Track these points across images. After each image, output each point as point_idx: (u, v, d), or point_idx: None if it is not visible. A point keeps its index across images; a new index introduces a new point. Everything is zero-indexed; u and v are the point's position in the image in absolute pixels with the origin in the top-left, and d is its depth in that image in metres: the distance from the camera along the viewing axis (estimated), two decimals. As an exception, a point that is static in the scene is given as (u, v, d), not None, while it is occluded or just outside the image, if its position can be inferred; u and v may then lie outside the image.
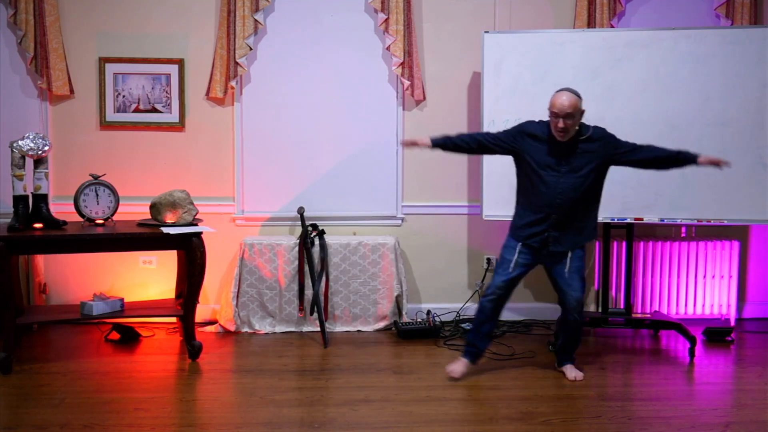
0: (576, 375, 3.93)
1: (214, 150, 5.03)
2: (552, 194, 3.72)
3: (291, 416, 3.41)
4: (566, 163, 3.71)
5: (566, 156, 3.72)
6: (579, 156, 3.71)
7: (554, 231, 3.77)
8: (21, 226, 4.11)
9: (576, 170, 3.71)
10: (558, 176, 3.71)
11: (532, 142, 3.77)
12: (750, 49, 4.40)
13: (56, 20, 4.78)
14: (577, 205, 3.75)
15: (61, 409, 3.45)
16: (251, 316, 4.82)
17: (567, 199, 3.71)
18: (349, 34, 5.03)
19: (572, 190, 3.71)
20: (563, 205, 3.72)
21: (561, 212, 3.74)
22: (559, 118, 3.63)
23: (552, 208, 3.74)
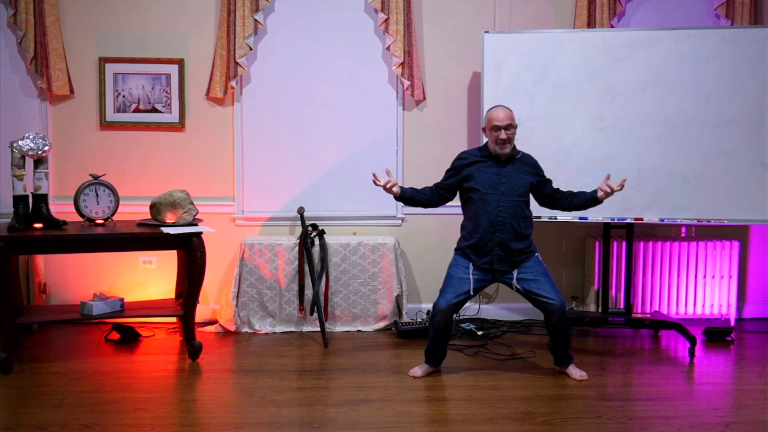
0: (581, 374, 3.94)
1: (214, 150, 5.03)
2: (495, 213, 3.85)
3: (291, 416, 3.41)
4: (506, 181, 3.87)
5: (505, 175, 3.88)
6: (516, 174, 3.89)
7: (499, 249, 3.86)
8: (21, 226, 4.11)
9: (515, 187, 3.87)
10: (498, 195, 3.86)
11: (473, 167, 3.93)
12: (750, 49, 4.40)
13: (56, 20, 4.78)
14: (519, 222, 3.87)
15: (61, 409, 3.45)
16: (251, 316, 4.83)
17: (508, 216, 3.84)
18: (349, 34, 5.03)
19: (512, 207, 3.85)
20: (505, 221, 3.84)
21: (504, 230, 3.85)
22: (501, 130, 3.82)
23: (495, 227, 3.85)
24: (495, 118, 3.85)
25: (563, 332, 3.91)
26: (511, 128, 3.84)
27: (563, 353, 3.99)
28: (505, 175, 3.88)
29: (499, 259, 3.87)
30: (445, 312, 3.85)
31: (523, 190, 3.90)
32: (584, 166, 4.55)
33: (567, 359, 4.00)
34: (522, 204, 3.90)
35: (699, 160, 4.46)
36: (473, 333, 4.75)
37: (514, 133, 3.87)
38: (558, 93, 4.57)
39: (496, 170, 3.89)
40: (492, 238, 3.86)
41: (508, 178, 3.88)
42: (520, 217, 3.88)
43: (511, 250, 3.85)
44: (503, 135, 3.82)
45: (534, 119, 4.60)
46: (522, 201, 3.90)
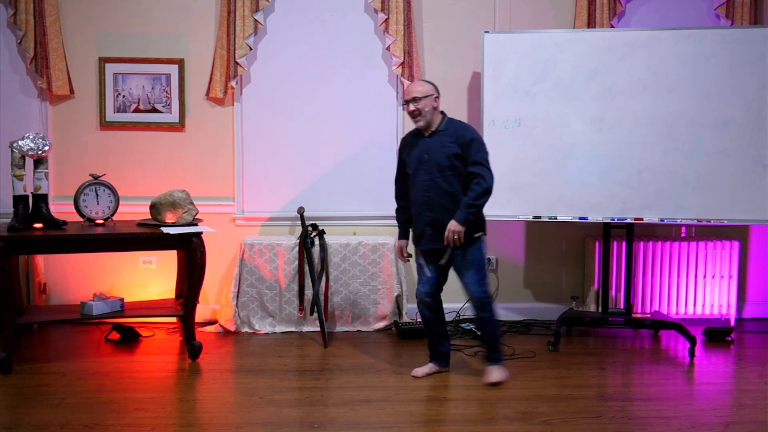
0: (493, 377, 3.82)
1: (214, 150, 5.03)
2: (421, 191, 3.79)
3: (291, 416, 3.40)
4: (428, 157, 3.77)
5: (428, 150, 3.78)
6: (437, 148, 3.76)
7: (429, 228, 3.80)
8: (21, 226, 4.11)
9: (437, 162, 3.75)
10: (423, 173, 3.78)
11: (407, 151, 3.89)
12: (750, 49, 4.40)
13: (56, 20, 4.78)
14: (447, 200, 3.74)
15: (61, 409, 3.45)
16: (251, 316, 4.82)
17: (434, 194, 3.76)
18: (349, 34, 5.03)
19: (435, 185, 3.75)
20: (432, 201, 3.76)
21: (432, 208, 3.77)
22: (409, 103, 3.77)
23: (423, 206, 3.80)
24: (405, 92, 3.86)
25: (484, 329, 3.88)
26: (416, 101, 3.74)
27: (488, 351, 3.91)
28: (428, 151, 3.78)
29: (431, 239, 3.80)
30: (423, 302, 3.91)
31: (447, 163, 3.73)
32: (584, 166, 4.55)
33: (489, 358, 3.90)
34: (451, 178, 3.73)
35: (699, 160, 4.46)
36: (473, 333, 4.75)
37: (424, 104, 3.74)
38: (558, 93, 4.57)
39: (421, 147, 3.81)
40: (421, 218, 3.81)
41: (430, 154, 3.77)
42: (450, 192, 3.73)
43: (444, 228, 3.73)
44: (410, 107, 3.77)
45: (534, 119, 4.59)
46: (450, 175, 3.73)
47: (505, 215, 4.67)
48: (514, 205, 4.63)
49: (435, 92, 3.82)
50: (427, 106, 3.77)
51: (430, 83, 3.86)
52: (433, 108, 3.80)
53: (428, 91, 3.80)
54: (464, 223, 3.70)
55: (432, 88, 3.82)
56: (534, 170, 4.60)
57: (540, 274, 5.22)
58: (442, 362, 4.00)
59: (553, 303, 5.21)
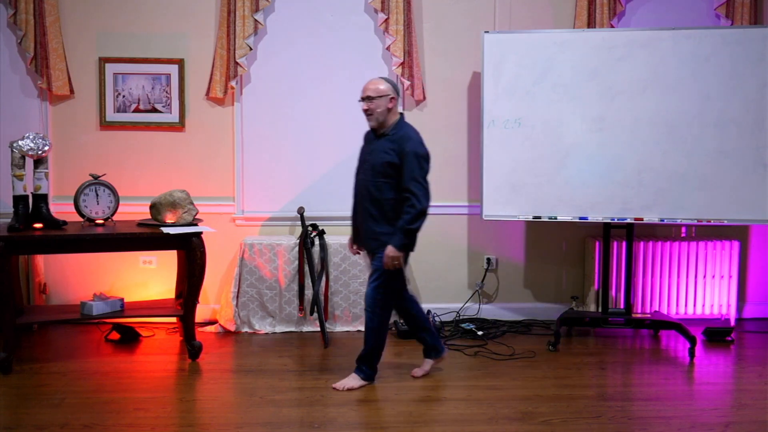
0: (339, 384, 3.74)
1: (214, 150, 5.02)
2: (356, 192, 3.78)
3: (291, 416, 3.40)
4: (369, 159, 3.72)
5: (371, 152, 3.72)
6: (378, 152, 3.67)
7: (359, 229, 3.81)
8: (21, 226, 4.10)
9: (373, 166, 3.66)
10: (362, 173, 3.75)
11: (363, 146, 3.87)
12: (750, 49, 4.40)
13: (56, 20, 4.78)
14: (370, 205, 3.67)
15: (61, 409, 3.45)
16: (251, 316, 4.82)
17: (362, 196, 3.73)
18: (349, 34, 5.03)
19: (365, 187, 3.70)
20: (361, 201, 3.74)
21: (359, 210, 3.75)
22: (362, 101, 3.69)
23: (354, 207, 3.80)
24: (362, 89, 3.71)
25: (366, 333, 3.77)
26: (369, 100, 3.64)
27: (360, 355, 3.80)
28: (371, 152, 3.71)
29: (359, 241, 3.84)
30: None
31: (380, 169, 3.61)
32: (584, 166, 4.55)
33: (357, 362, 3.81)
34: (381, 185, 3.62)
35: (699, 160, 4.46)
36: (473, 333, 4.75)
37: (377, 104, 3.63)
38: (558, 93, 4.57)
39: (369, 148, 3.76)
40: (355, 220, 3.83)
41: (372, 156, 3.69)
42: (377, 199, 3.64)
43: (365, 233, 3.71)
44: (363, 105, 3.68)
45: (534, 119, 4.59)
46: (381, 182, 3.62)
47: (505, 215, 4.67)
48: (514, 205, 4.63)
49: (392, 93, 3.67)
50: (380, 107, 3.64)
51: (389, 83, 3.71)
52: (387, 109, 3.65)
53: (384, 91, 3.65)
54: (402, 249, 3.59)
55: (389, 88, 3.67)
56: (534, 170, 4.60)
57: (540, 274, 5.22)
58: (431, 353, 3.96)
59: (553, 303, 5.21)
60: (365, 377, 3.79)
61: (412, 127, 3.74)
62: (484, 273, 5.18)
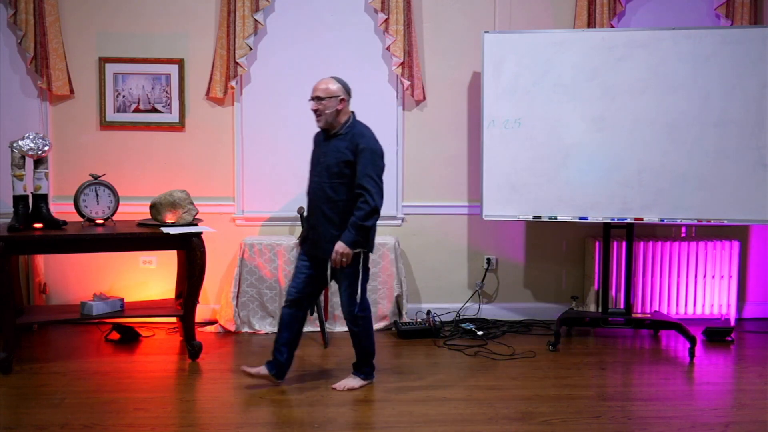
0: (339, 385, 3.74)
1: (214, 150, 5.02)
2: (310, 194, 3.66)
3: (291, 416, 3.41)
4: (323, 160, 3.62)
5: (324, 153, 3.63)
6: (332, 152, 3.60)
7: (312, 233, 3.66)
8: (21, 226, 4.11)
9: (328, 167, 3.59)
10: (315, 175, 3.64)
11: (315, 147, 3.78)
12: (750, 49, 4.40)
13: (56, 20, 4.78)
14: (327, 207, 3.58)
15: (61, 409, 3.45)
16: (251, 316, 4.82)
17: (318, 198, 3.62)
18: (349, 34, 5.03)
19: (320, 189, 3.60)
20: (316, 206, 3.63)
21: (314, 214, 3.64)
22: (312, 100, 3.61)
23: (309, 210, 3.68)
24: (313, 87, 3.65)
25: (355, 339, 3.73)
26: (318, 100, 3.57)
27: (357, 360, 3.79)
28: (323, 153, 3.63)
29: (312, 245, 3.65)
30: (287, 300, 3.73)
31: (336, 170, 3.54)
32: (584, 166, 4.55)
33: (356, 367, 3.81)
34: (337, 186, 3.55)
35: (699, 160, 4.46)
36: (473, 333, 4.75)
37: (326, 105, 3.57)
38: (558, 93, 4.57)
39: (321, 149, 3.67)
40: (308, 222, 3.70)
41: (326, 157, 3.60)
42: (334, 201, 3.56)
43: (321, 236, 3.59)
44: (312, 105, 3.61)
45: (534, 119, 4.59)
46: (337, 183, 3.55)
47: (505, 215, 4.67)
48: (514, 205, 4.64)
49: (342, 93, 3.61)
50: (329, 108, 3.58)
51: (340, 83, 3.64)
52: (337, 110, 3.59)
53: (334, 92, 3.59)
54: (352, 246, 3.50)
55: (339, 89, 3.61)
56: (534, 170, 4.60)
57: (540, 274, 5.22)
58: (273, 370, 3.73)
59: (553, 303, 5.21)
60: (365, 377, 3.80)
61: (366, 125, 3.68)
62: (484, 273, 5.18)
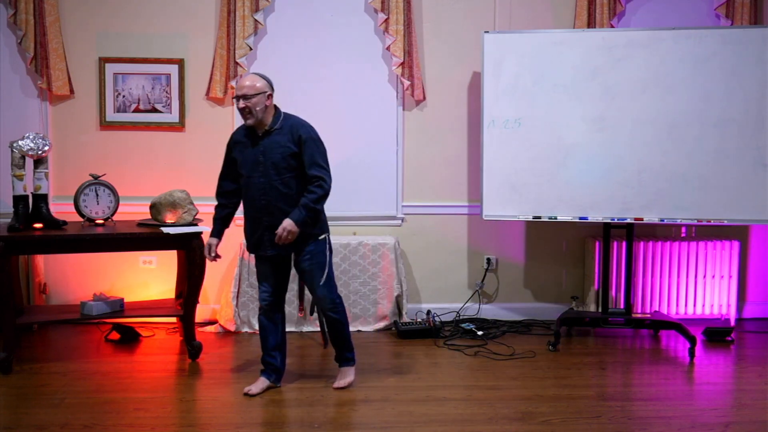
0: (344, 381, 3.77)
1: (215, 150, 5.00)
2: (258, 195, 3.58)
3: (291, 416, 3.41)
4: (264, 159, 3.56)
5: (263, 151, 3.57)
6: (273, 148, 3.56)
7: (268, 233, 3.59)
8: (21, 226, 4.11)
9: (274, 164, 3.55)
10: (259, 175, 3.57)
11: (239, 149, 3.64)
12: (750, 49, 4.40)
13: (56, 20, 4.78)
14: (283, 203, 3.57)
15: (61, 409, 3.45)
16: (251, 316, 4.82)
17: (269, 197, 3.57)
18: (349, 34, 5.03)
19: (270, 187, 3.56)
20: (268, 205, 3.57)
21: (269, 213, 3.58)
22: (239, 99, 3.53)
23: (261, 211, 3.59)
24: (236, 86, 3.58)
25: (334, 329, 3.75)
26: (247, 99, 3.50)
27: (339, 351, 3.83)
28: (263, 152, 3.56)
29: (271, 244, 3.59)
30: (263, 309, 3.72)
31: (284, 165, 3.54)
32: (584, 166, 4.55)
33: (343, 359, 3.84)
34: (289, 180, 3.56)
35: (699, 160, 4.46)
36: (473, 333, 4.75)
37: (256, 102, 3.51)
38: (558, 93, 4.57)
39: (255, 148, 3.58)
40: (259, 224, 3.60)
41: (266, 155, 3.55)
42: (287, 195, 3.56)
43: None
44: (240, 104, 3.51)
45: (534, 119, 4.59)
46: (288, 177, 3.56)
47: (505, 215, 4.67)
48: (514, 205, 4.64)
49: (268, 89, 3.58)
50: (258, 105, 3.52)
51: (264, 78, 3.60)
52: (265, 106, 3.55)
53: (261, 88, 3.54)
54: (300, 225, 3.51)
55: (265, 85, 3.57)
56: (534, 170, 4.60)
57: (540, 274, 5.22)
58: (272, 376, 3.74)
59: (553, 303, 5.21)
60: (353, 362, 3.85)
61: (295, 115, 3.69)
62: (484, 273, 5.18)
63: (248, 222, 3.69)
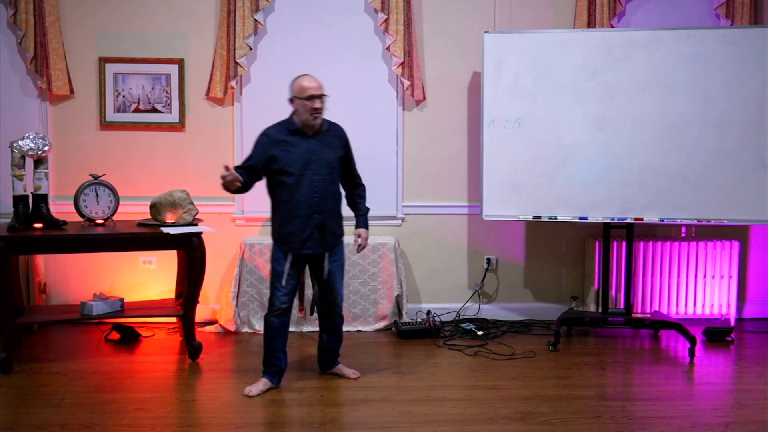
0: (354, 372, 3.94)
1: (214, 150, 5.02)
2: (310, 193, 3.61)
3: (291, 416, 3.41)
4: (316, 158, 3.63)
5: (315, 151, 3.64)
6: (325, 148, 3.66)
7: (317, 232, 3.65)
8: (21, 226, 4.11)
9: (327, 163, 3.65)
10: (312, 174, 3.61)
11: (283, 147, 3.64)
12: (750, 49, 4.40)
13: (56, 20, 4.78)
14: (332, 202, 3.71)
15: (61, 409, 3.45)
16: (251, 316, 4.83)
17: (323, 195, 3.65)
18: (349, 34, 5.03)
19: (325, 186, 3.65)
20: (322, 202, 3.65)
21: (321, 211, 3.65)
22: (316, 99, 3.59)
23: (313, 208, 3.63)
24: (310, 86, 3.60)
25: (340, 329, 3.90)
26: (324, 98, 3.63)
27: (337, 353, 3.96)
28: (314, 152, 3.63)
29: (318, 243, 3.67)
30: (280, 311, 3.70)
31: (336, 165, 3.69)
32: (584, 166, 4.55)
33: (337, 355, 3.98)
34: (336, 179, 3.71)
35: (699, 160, 4.46)
36: (473, 333, 4.75)
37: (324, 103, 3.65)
38: (558, 93, 4.57)
39: (305, 147, 3.63)
40: (309, 221, 3.62)
41: (318, 154, 3.63)
42: (335, 194, 3.71)
43: (328, 232, 3.69)
44: (318, 104, 3.59)
45: (534, 119, 4.60)
46: (336, 176, 3.71)
47: (505, 215, 4.67)
48: (514, 205, 4.64)
49: None
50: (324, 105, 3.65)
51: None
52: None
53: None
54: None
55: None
56: (534, 170, 4.60)
57: (540, 274, 5.22)
58: (275, 378, 3.76)
59: (553, 303, 5.21)
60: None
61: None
62: (484, 273, 5.18)
63: (295, 220, 3.64)
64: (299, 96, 3.62)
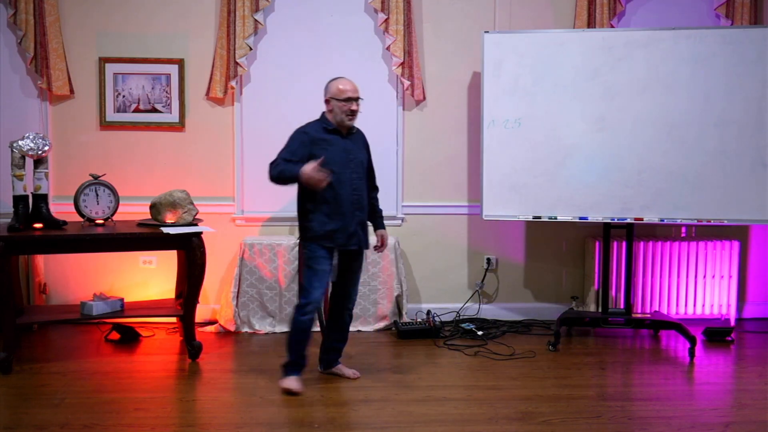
0: (354, 372, 3.94)
1: (214, 150, 5.02)
2: (350, 191, 3.68)
3: (291, 416, 3.41)
4: (353, 157, 3.73)
5: (350, 150, 3.74)
6: (358, 149, 3.78)
7: (360, 229, 3.75)
8: (21, 226, 4.11)
9: (361, 162, 3.77)
10: (351, 171, 3.69)
11: (323, 146, 3.68)
12: (750, 49, 4.40)
13: (56, 20, 4.78)
14: (365, 200, 3.80)
15: (61, 409, 3.45)
16: (251, 316, 4.83)
17: (362, 193, 3.76)
18: (349, 34, 5.03)
19: (362, 182, 3.76)
20: (361, 199, 3.74)
21: (360, 208, 3.75)
22: (353, 101, 3.68)
23: (354, 206, 3.70)
24: (346, 89, 3.68)
25: (347, 328, 3.94)
26: (359, 100, 3.72)
27: (341, 353, 3.99)
28: (350, 151, 3.74)
29: (360, 240, 3.76)
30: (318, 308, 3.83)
31: (366, 165, 3.83)
32: (584, 166, 4.55)
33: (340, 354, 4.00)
34: (364, 178, 3.81)
35: (699, 160, 4.46)
36: (473, 333, 4.75)
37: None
38: (558, 93, 4.57)
39: (342, 146, 3.71)
40: (353, 218, 3.70)
41: (353, 154, 3.74)
42: (364, 194, 3.80)
43: (358, 227, 3.74)
44: (355, 106, 3.68)
45: (534, 119, 4.60)
46: (364, 176, 3.81)
47: (505, 215, 4.67)
48: (514, 205, 4.64)
49: None
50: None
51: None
52: None
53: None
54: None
55: None
56: (534, 170, 4.60)
57: (540, 274, 5.22)
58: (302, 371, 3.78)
59: (553, 303, 5.21)
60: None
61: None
62: (484, 273, 5.18)
63: (337, 218, 3.66)
64: (337, 98, 3.69)
